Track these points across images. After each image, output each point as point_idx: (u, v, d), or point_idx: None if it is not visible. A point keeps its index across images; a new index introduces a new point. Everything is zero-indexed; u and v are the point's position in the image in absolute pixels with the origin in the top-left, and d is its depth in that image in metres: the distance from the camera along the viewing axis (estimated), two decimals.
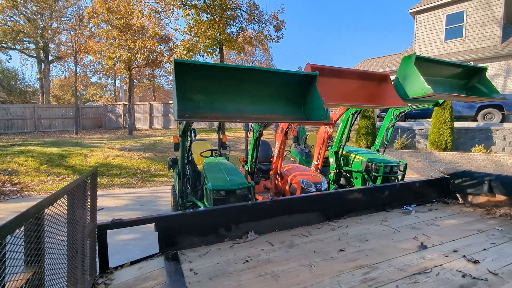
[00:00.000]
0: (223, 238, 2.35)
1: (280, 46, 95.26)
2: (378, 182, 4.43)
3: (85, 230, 1.62)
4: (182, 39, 14.25)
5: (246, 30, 15.16)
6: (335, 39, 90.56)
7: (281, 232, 2.52)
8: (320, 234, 2.46)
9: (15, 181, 7.97)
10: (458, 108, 10.73)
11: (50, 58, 23.66)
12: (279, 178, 4.75)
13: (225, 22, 13.53)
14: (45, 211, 0.98)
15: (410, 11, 15.30)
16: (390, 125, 4.91)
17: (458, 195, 3.39)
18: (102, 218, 2.10)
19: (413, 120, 12.38)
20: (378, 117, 13.13)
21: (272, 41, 15.70)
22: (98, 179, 8.56)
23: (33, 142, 12.26)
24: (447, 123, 9.78)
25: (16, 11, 21.41)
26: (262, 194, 4.94)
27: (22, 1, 20.91)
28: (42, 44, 22.54)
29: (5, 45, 22.90)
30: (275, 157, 4.64)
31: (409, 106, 4.04)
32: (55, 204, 1.05)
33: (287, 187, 4.42)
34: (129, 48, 14.86)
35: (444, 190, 3.49)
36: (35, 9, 21.70)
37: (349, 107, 4.25)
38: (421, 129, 10.99)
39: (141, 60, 16.33)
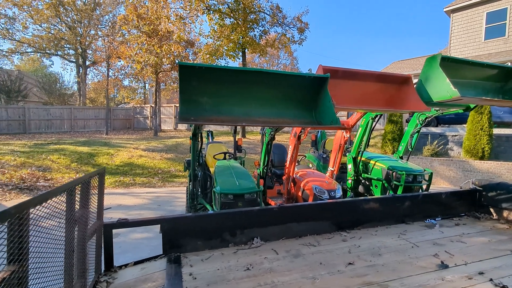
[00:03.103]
0: (227, 243, 2.30)
1: (307, 49, 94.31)
2: (399, 192, 4.14)
3: (86, 229, 1.66)
4: (206, 43, 14.59)
5: (269, 33, 15.19)
6: (365, 40, 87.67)
7: (288, 240, 2.42)
8: (330, 245, 2.33)
9: (48, 177, 8.60)
10: (499, 113, 9.84)
11: (87, 63, 25.49)
12: (291, 184, 4.62)
13: (248, 26, 13.68)
14: (31, 211, 0.99)
15: (445, 9, 14.40)
16: (416, 131, 4.58)
17: (491, 210, 3.05)
18: (119, 215, 2.15)
19: (446, 125, 11.55)
20: (406, 122, 12.44)
21: (296, 44, 15.56)
22: (122, 178, 8.98)
23: (67, 141, 13.19)
24: (484, 129, 8.99)
25: (59, 20, 23.38)
26: (275, 199, 4.84)
27: (64, 11, 22.77)
28: (80, 50, 24.36)
29: (48, 51, 25.12)
30: (287, 162, 4.53)
31: (436, 111, 3.74)
32: (44, 204, 1.07)
33: (299, 193, 4.28)
34: (156, 53, 15.52)
35: (475, 203, 3.17)
36: (75, 18, 23.55)
37: (364, 111, 4.04)
38: (455, 136, 10.22)
39: (167, 64, 16.97)
